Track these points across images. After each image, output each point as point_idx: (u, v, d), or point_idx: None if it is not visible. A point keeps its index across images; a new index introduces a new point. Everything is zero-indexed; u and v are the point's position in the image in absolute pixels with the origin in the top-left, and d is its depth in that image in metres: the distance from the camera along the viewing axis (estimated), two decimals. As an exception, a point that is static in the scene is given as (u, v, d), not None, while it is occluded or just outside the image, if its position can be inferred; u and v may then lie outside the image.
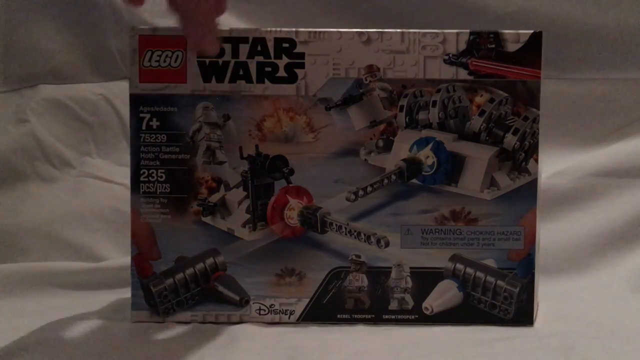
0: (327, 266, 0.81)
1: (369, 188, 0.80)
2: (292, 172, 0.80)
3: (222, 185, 0.81)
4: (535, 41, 0.79)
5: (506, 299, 0.80)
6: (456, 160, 0.80)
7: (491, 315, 0.80)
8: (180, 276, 0.81)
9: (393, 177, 0.80)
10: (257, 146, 0.80)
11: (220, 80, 0.80)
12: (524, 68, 0.79)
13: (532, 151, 0.80)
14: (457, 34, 0.79)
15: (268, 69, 0.80)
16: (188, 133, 0.80)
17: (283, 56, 0.80)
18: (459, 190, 0.80)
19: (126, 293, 0.82)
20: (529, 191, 0.80)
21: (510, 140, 0.79)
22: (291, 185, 0.81)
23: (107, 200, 1.02)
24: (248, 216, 0.81)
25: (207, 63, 0.80)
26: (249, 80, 0.80)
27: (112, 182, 1.03)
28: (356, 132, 0.80)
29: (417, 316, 0.81)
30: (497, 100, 0.79)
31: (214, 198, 0.81)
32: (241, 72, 0.80)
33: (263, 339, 0.78)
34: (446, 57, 0.79)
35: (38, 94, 1.05)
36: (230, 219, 0.81)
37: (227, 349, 0.75)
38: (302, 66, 0.80)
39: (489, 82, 0.79)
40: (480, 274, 0.80)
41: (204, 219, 0.81)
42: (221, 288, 0.81)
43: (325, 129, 0.80)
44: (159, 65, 0.80)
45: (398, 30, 0.79)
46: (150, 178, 0.81)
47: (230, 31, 0.80)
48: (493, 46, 0.79)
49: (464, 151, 0.80)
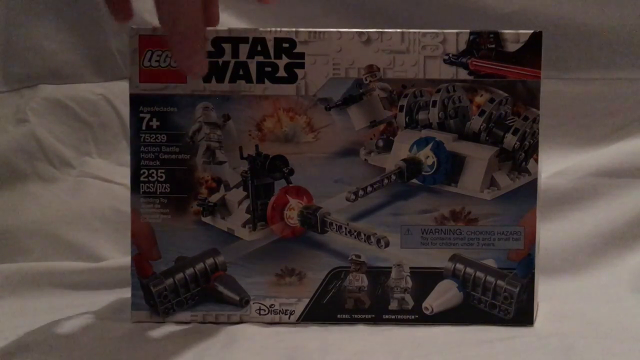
0: (327, 266, 0.81)
1: (369, 188, 0.80)
2: (292, 172, 0.80)
3: (222, 185, 0.81)
4: (535, 41, 0.79)
5: (506, 299, 0.80)
6: (456, 160, 0.80)
7: (491, 315, 0.80)
8: (180, 276, 0.81)
9: (393, 177, 0.80)
10: (257, 146, 0.80)
11: (220, 80, 0.80)
12: (524, 68, 0.79)
13: (532, 151, 0.80)
14: (457, 34, 0.79)
15: (268, 69, 0.80)
16: (188, 133, 0.80)
17: (283, 56, 0.80)
18: (459, 190, 0.80)
19: (126, 293, 0.82)
20: (529, 191, 0.80)
21: (510, 140, 0.79)
22: (291, 185, 0.81)
23: (107, 200, 1.02)
24: (248, 216, 0.81)
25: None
26: (249, 80, 0.80)
27: (112, 182, 1.03)
28: (356, 132, 0.80)
29: (417, 316, 0.81)
30: (497, 100, 0.79)
31: (214, 198, 0.81)
32: (241, 72, 0.80)
33: (263, 339, 0.78)
34: (446, 57, 0.79)
35: (38, 94, 1.05)
36: (230, 219, 0.81)
37: (227, 349, 0.75)
38: (302, 66, 0.80)
39: (489, 82, 0.79)
40: (480, 274, 0.80)
41: (204, 219, 0.81)
42: (221, 288, 0.81)
43: (325, 129, 0.80)
44: (159, 65, 0.80)
45: (398, 30, 0.79)
46: (150, 178, 0.81)
47: (229, 31, 0.80)
48: (493, 46, 0.79)
49: (464, 151, 0.80)
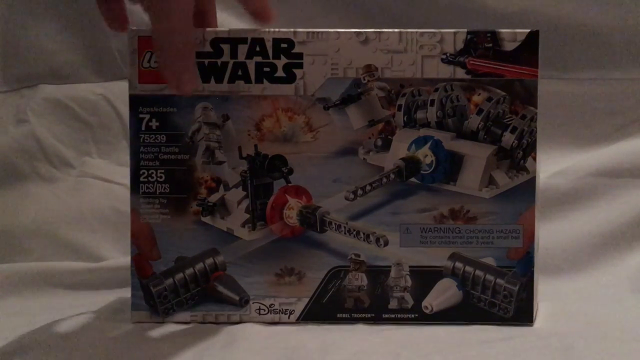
0: (327, 265, 0.81)
1: (368, 187, 0.80)
2: (291, 172, 0.80)
3: (222, 185, 0.81)
4: (532, 40, 0.79)
5: (506, 297, 0.80)
6: (455, 158, 0.80)
7: (491, 313, 0.80)
8: (180, 276, 0.81)
9: (392, 176, 0.80)
10: (256, 146, 0.80)
11: (219, 80, 0.80)
12: (522, 67, 0.79)
13: (530, 149, 0.80)
14: (455, 34, 0.79)
15: (267, 69, 0.80)
16: (187, 133, 0.80)
17: (281, 56, 0.80)
18: (458, 188, 0.80)
19: (126, 293, 0.82)
20: (528, 189, 0.80)
21: (508, 138, 0.79)
22: (290, 184, 0.81)
23: (107, 200, 1.02)
24: (247, 216, 0.81)
25: (206, 64, 0.80)
26: (248, 80, 0.80)
27: (112, 182, 1.03)
28: (355, 132, 0.80)
29: (417, 315, 0.81)
30: (495, 99, 0.79)
31: (214, 198, 0.81)
32: (240, 73, 0.80)
33: (263, 339, 0.78)
34: (444, 57, 0.79)
35: (38, 94, 1.05)
36: (229, 219, 0.81)
37: (227, 349, 0.75)
38: (301, 66, 0.80)
39: (487, 81, 0.79)
40: (479, 273, 0.80)
41: (204, 219, 0.81)
42: (221, 288, 0.81)
43: (323, 129, 0.80)
44: (159, 66, 0.80)
45: (396, 30, 0.79)
46: (149, 178, 0.81)
47: (228, 32, 0.80)
48: (490, 45, 0.79)
49: (462, 150, 0.80)
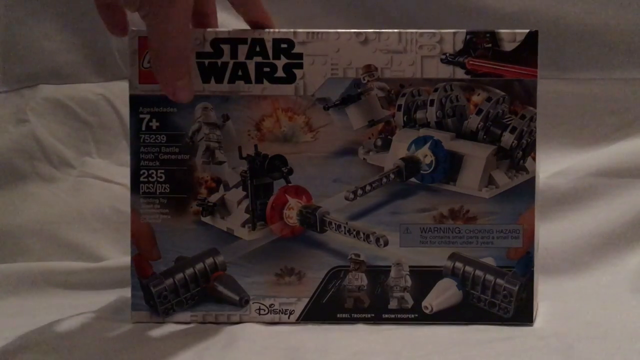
0: (327, 265, 0.81)
1: (368, 187, 0.80)
2: (291, 172, 0.81)
3: (222, 185, 0.81)
4: (531, 40, 0.79)
5: (505, 297, 0.80)
6: (454, 158, 0.80)
7: (491, 313, 0.80)
8: (180, 276, 0.81)
9: (391, 176, 0.80)
10: (256, 146, 0.80)
11: (219, 80, 0.80)
12: (521, 67, 0.79)
13: (530, 149, 0.80)
14: (454, 34, 0.79)
15: (267, 70, 0.80)
16: (187, 133, 0.81)
17: (281, 56, 0.80)
18: (458, 188, 0.80)
19: (126, 293, 0.82)
20: (527, 189, 0.80)
21: (507, 138, 0.79)
22: (290, 184, 0.81)
23: (107, 200, 1.02)
24: (247, 216, 0.81)
25: (207, 64, 0.80)
26: (248, 80, 0.80)
27: (112, 182, 1.03)
28: (354, 132, 0.80)
29: (417, 315, 0.81)
30: (494, 99, 0.79)
31: (214, 198, 0.81)
32: (240, 73, 0.80)
33: (263, 339, 0.78)
34: (443, 57, 0.79)
35: (38, 94, 1.05)
36: (229, 219, 0.81)
37: (227, 349, 0.75)
38: (301, 66, 0.80)
39: (486, 81, 0.79)
40: (479, 272, 0.80)
41: (204, 219, 0.81)
42: (221, 288, 0.81)
43: (323, 129, 0.80)
44: (159, 66, 0.80)
45: (395, 30, 0.80)
46: (150, 178, 0.81)
47: (229, 32, 0.80)
48: (490, 45, 0.79)
49: (462, 150, 0.80)
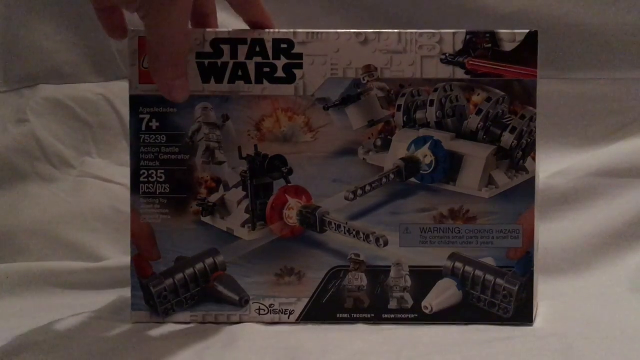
0: (327, 265, 0.81)
1: (368, 187, 0.80)
2: (291, 172, 0.81)
3: (222, 185, 0.81)
4: (531, 40, 0.79)
5: (505, 297, 0.80)
6: (454, 159, 0.80)
7: (491, 313, 0.80)
8: (180, 276, 0.81)
9: (391, 176, 0.80)
10: (256, 146, 0.80)
11: (219, 81, 0.80)
12: (521, 67, 0.79)
13: (530, 149, 0.80)
14: (454, 34, 0.79)
15: (267, 70, 0.80)
16: (187, 134, 0.81)
17: (281, 57, 0.80)
18: (457, 189, 0.80)
19: (126, 293, 0.82)
20: (527, 189, 0.80)
21: (507, 138, 0.79)
22: (290, 184, 0.81)
23: (107, 200, 1.02)
24: (247, 216, 0.81)
25: (207, 64, 0.80)
26: (248, 81, 0.80)
27: (112, 182, 1.03)
28: (354, 132, 0.80)
29: (417, 315, 0.81)
30: (494, 99, 0.79)
31: (214, 198, 0.81)
32: (240, 73, 0.80)
33: (263, 339, 0.78)
34: (443, 57, 0.79)
35: (38, 94, 1.05)
36: (229, 219, 0.81)
37: (227, 349, 0.75)
38: (301, 67, 0.80)
39: (486, 82, 0.79)
40: (479, 273, 0.80)
41: (204, 219, 0.81)
42: (221, 288, 0.81)
43: (323, 129, 0.80)
44: (159, 66, 0.80)
45: (395, 30, 0.80)
46: (150, 179, 0.81)
47: (229, 32, 0.80)
48: (489, 46, 0.79)
49: (462, 150, 0.80)
